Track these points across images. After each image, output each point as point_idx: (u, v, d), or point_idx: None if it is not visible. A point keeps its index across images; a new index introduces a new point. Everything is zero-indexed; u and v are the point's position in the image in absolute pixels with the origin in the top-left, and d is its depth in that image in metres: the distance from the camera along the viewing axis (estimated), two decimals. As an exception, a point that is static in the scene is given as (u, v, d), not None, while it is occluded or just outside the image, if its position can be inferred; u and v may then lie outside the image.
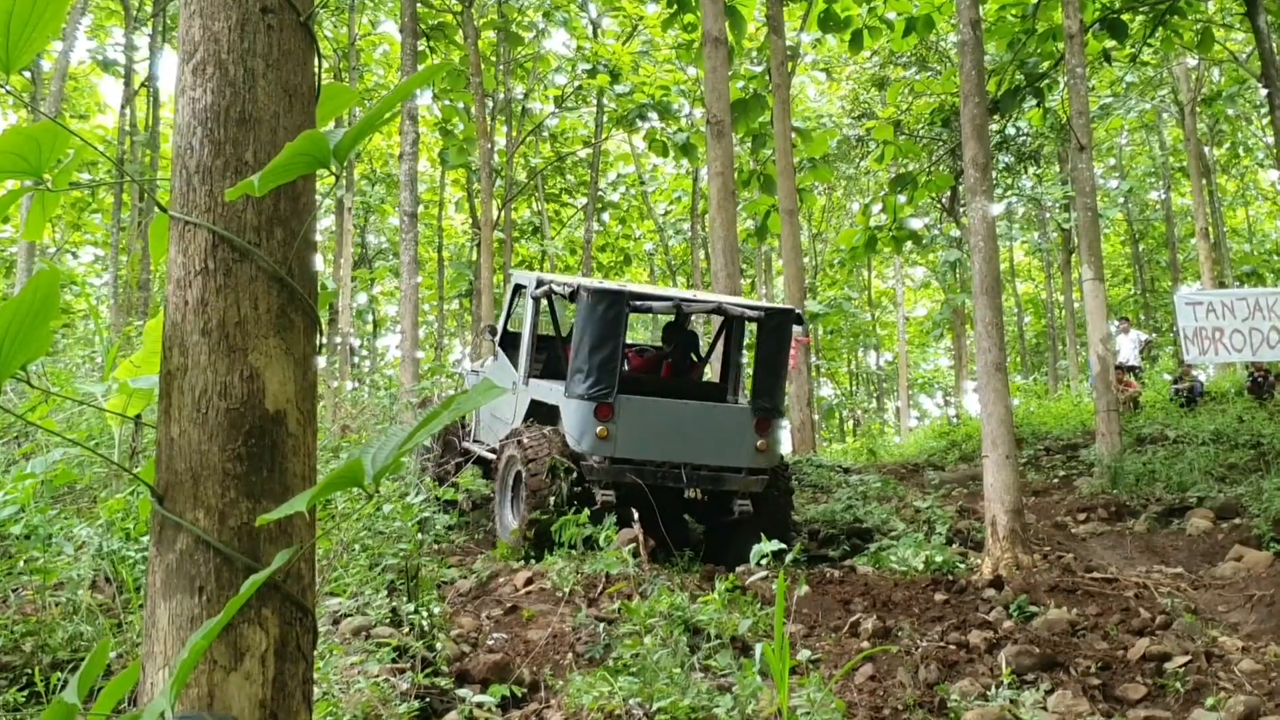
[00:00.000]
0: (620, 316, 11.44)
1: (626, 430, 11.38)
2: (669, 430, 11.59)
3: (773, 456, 12.00)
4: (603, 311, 11.34)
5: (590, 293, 11.45)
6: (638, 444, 11.43)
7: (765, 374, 12.10)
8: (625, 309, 11.51)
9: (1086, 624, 8.65)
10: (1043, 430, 22.67)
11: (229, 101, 2.29)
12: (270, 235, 2.27)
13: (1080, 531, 13.49)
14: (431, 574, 9.17)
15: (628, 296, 11.58)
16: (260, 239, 2.26)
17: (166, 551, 2.14)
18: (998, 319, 11.11)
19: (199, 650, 1.88)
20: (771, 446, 11.96)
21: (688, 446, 11.61)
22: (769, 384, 12.08)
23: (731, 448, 11.79)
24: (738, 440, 11.82)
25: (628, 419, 11.43)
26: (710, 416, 11.93)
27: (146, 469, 2.28)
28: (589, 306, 11.38)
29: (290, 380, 2.25)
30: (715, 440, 11.74)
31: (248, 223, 2.25)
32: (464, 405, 1.99)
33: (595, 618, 8.39)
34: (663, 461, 11.49)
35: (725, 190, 17.00)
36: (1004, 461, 10.69)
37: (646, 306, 12.03)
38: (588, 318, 11.38)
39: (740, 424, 11.90)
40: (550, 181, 39.98)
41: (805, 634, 8.51)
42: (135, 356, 3.14)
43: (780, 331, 12.13)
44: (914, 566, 10.57)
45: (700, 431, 11.71)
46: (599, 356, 11.30)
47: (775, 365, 12.13)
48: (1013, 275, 47.81)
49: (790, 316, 12.27)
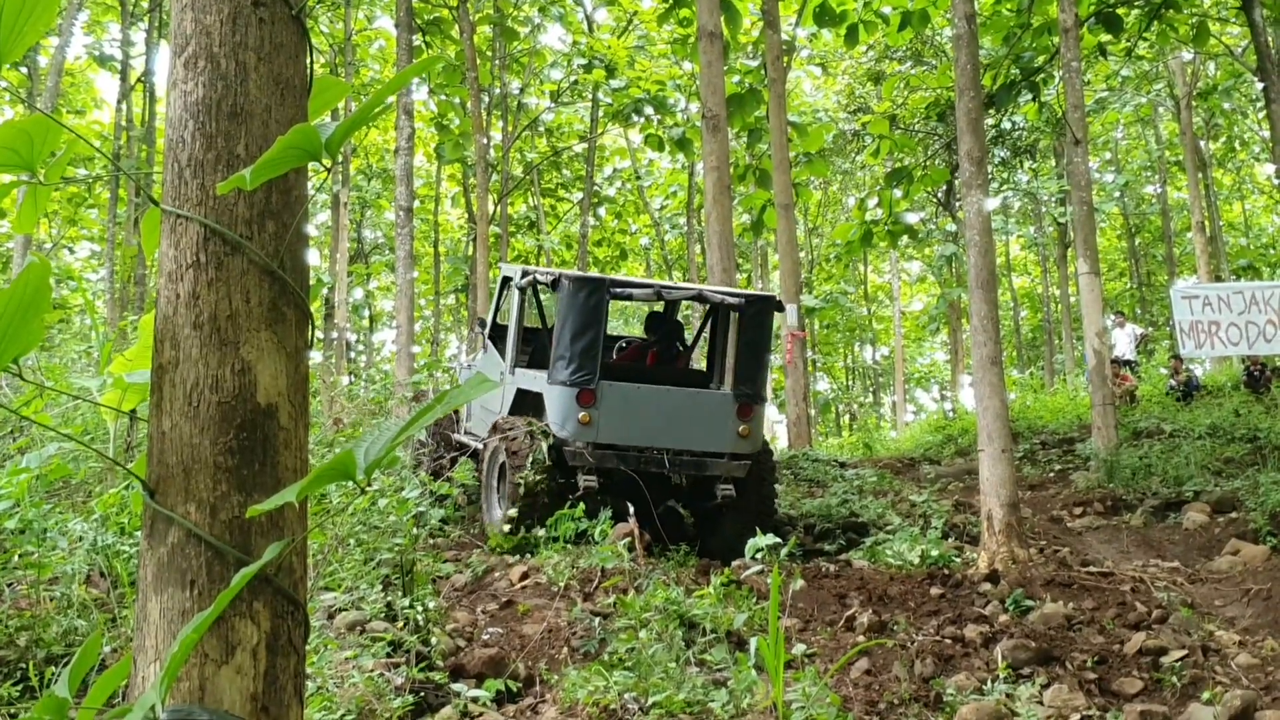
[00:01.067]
0: (601, 304, 11.64)
1: (609, 416, 11.55)
2: (651, 416, 11.75)
3: (755, 442, 12.13)
4: (584, 299, 11.52)
5: (571, 281, 11.65)
6: (620, 429, 11.60)
7: (747, 361, 12.20)
8: (606, 296, 11.72)
9: (1083, 618, 8.66)
10: (1039, 424, 22.67)
11: (221, 95, 2.29)
12: (262, 228, 2.27)
13: (1076, 526, 13.50)
14: (426, 569, 9.18)
15: (608, 284, 11.79)
16: (252, 232, 2.25)
17: (158, 545, 2.14)
18: (993, 313, 11.11)
19: (190, 644, 1.88)
20: (753, 432, 12.09)
21: (670, 432, 11.77)
22: (750, 370, 12.17)
23: (713, 433, 11.93)
24: (720, 426, 11.95)
25: (610, 405, 11.59)
26: (692, 403, 12.06)
27: (139, 463, 2.28)
28: (570, 294, 11.57)
29: (282, 374, 2.24)
30: (697, 426, 11.89)
31: (239, 216, 2.25)
32: (457, 399, 1.99)
33: (590, 612, 8.39)
34: (645, 447, 11.66)
35: (721, 185, 17.00)
36: (1000, 456, 10.69)
37: (626, 294, 12.26)
38: (569, 305, 11.55)
39: (722, 410, 12.01)
40: (546, 176, 39.92)
41: (801, 628, 8.51)
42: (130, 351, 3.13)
43: (760, 318, 12.23)
44: (910, 561, 10.58)
45: (683, 417, 11.87)
46: (580, 344, 11.47)
47: (757, 352, 12.22)
48: (1009, 269, 47.79)
49: (771, 304, 12.42)
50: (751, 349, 12.20)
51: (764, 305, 12.30)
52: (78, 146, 2.49)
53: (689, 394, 12.20)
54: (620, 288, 12.07)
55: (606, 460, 11.50)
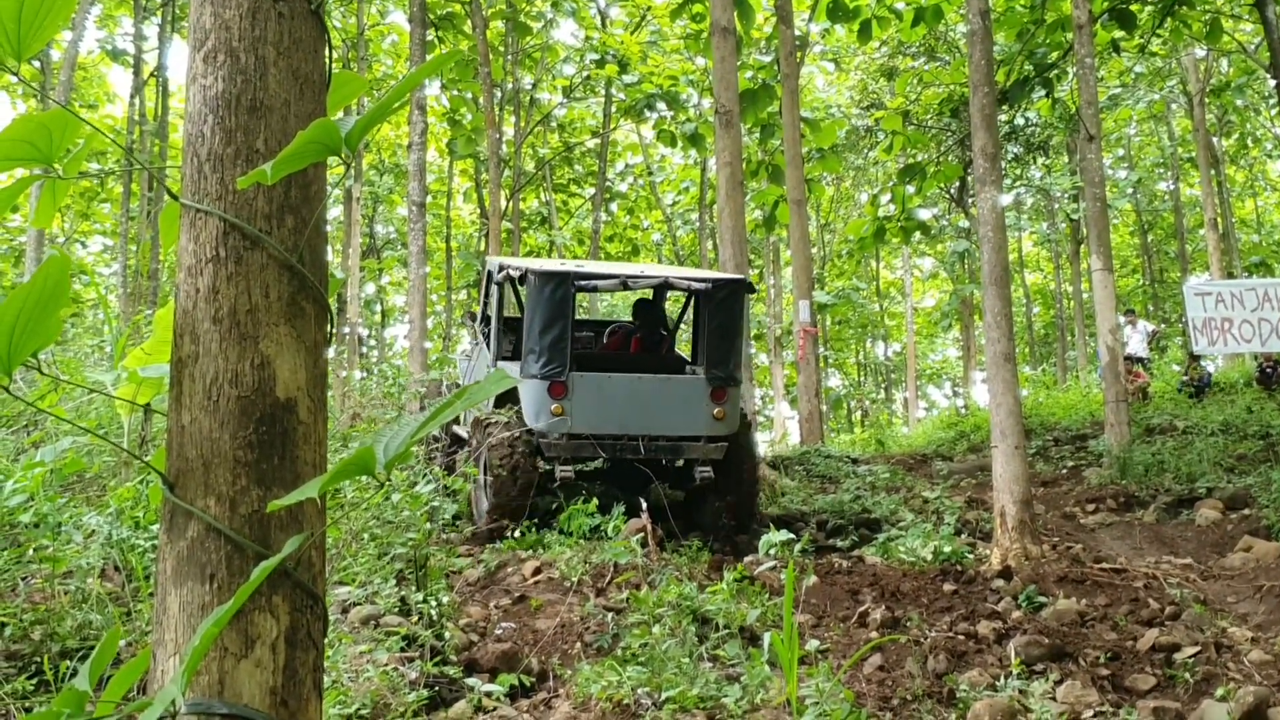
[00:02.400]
0: (567, 297, 11.86)
1: (581, 406, 11.80)
2: (625, 404, 12.00)
3: (730, 424, 12.31)
4: (549, 293, 11.75)
5: (537, 275, 11.84)
6: (594, 419, 11.86)
7: (718, 344, 12.33)
8: (571, 289, 11.95)
9: (1095, 614, 8.64)
10: (1051, 421, 22.63)
11: (240, 89, 2.29)
12: (281, 223, 2.27)
13: (1089, 522, 13.47)
14: (440, 563, 9.20)
15: (573, 277, 11.99)
16: (271, 226, 2.26)
17: (177, 539, 2.14)
18: (1006, 309, 11.08)
19: (210, 637, 1.88)
20: (729, 414, 12.28)
21: (644, 418, 12.02)
22: (723, 353, 12.32)
23: (688, 417, 12.17)
24: (694, 410, 12.19)
25: (582, 395, 11.84)
26: (666, 388, 12.26)
27: (157, 456, 2.28)
28: (536, 289, 11.79)
29: (301, 368, 2.25)
30: (671, 411, 12.13)
31: (259, 210, 2.25)
32: (477, 395, 1.99)
33: (603, 607, 8.40)
34: (620, 434, 11.93)
35: (733, 180, 16.98)
36: (1013, 452, 10.67)
37: (592, 286, 12.69)
38: (536, 299, 11.78)
39: (696, 394, 12.23)
40: (558, 172, 39.93)
41: (814, 624, 8.50)
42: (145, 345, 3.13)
43: (731, 301, 12.37)
44: (922, 557, 10.56)
45: (656, 403, 12.10)
46: (549, 336, 11.70)
47: (729, 334, 12.36)
48: (1021, 266, 47.68)
49: (741, 286, 12.55)
50: (723, 332, 12.34)
51: (733, 288, 12.44)
52: (95, 141, 2.49)
53: (662, 380, 12.36)
54: (586, 279, 12.34)
55: (582, 450, 11.78)
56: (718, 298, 12.30)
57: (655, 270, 13.99)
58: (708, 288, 12.30)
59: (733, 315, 12.37)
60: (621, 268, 13.89)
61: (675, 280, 12.49)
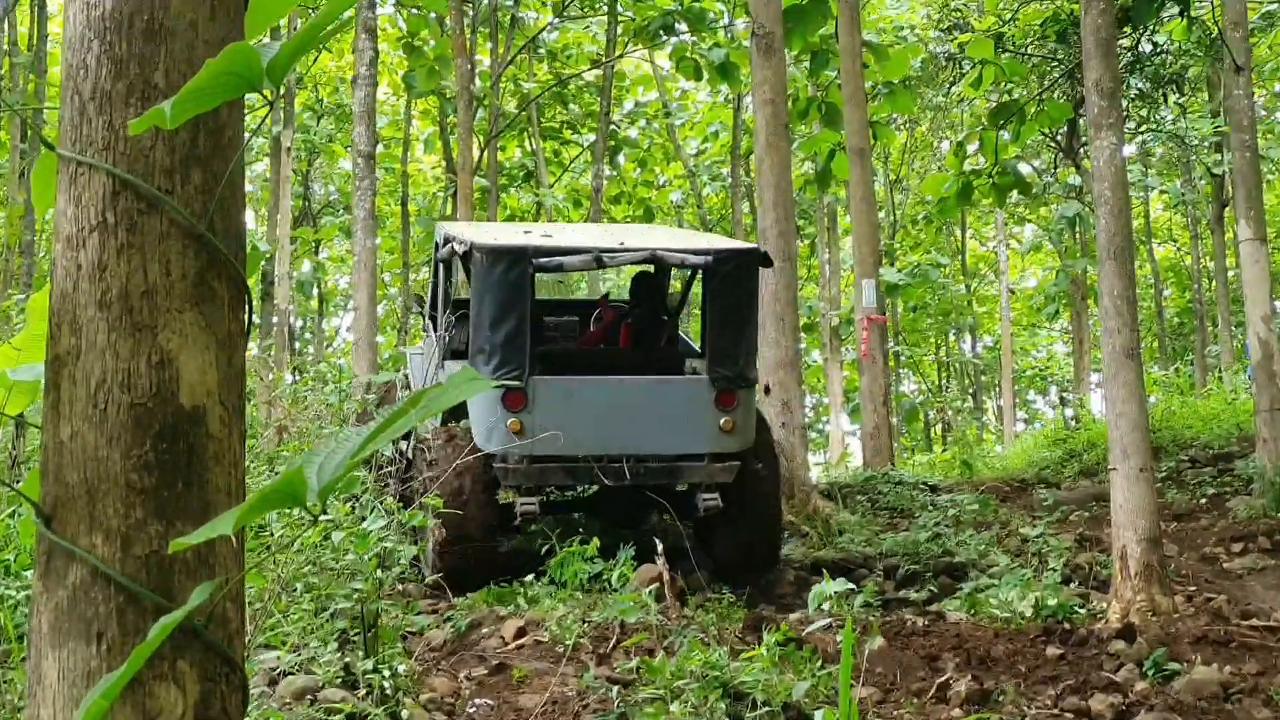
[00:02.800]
0: (524, 279, 11.58)
1: (546, 420, 11.36)
2: (603, 415, 11.73)
3: (743, 436, 12.06)
4: (501, 275, 11.47)
5: (485, 252, 11.58)
6: (563, 436, 11.30)
7: (724, 333, 12.13)
8: (529, 269, 11.67)
9: (1244, 685, 8.64)
10: (1187, 436, 22.61)
11: (134, 7, 2.29)
12: (186, 179, 2.27)
13: (1235, 566, 13.47)
14: (395, 621, 9.19)
15: (530, 253, 11.65)
16: (173, 184, 2.26)
17: (56, 587, 2.15)
18: (1129, 291, 11.08)
19: (98, 713, 1.89)
20: (740, 424, 11.99)
21: (630, 433, 11.77)
22: (730, 345, 12.09)
23: (686, 430, 11.93)
24: (694, 420, 11.92)
25: (547, 406, 11.53)
26: (657, 393, 12.09)
27: (29, 482, 2.29)
28: (484, 270, 11.54)
29: (211, 367, 2.25)
30: (666, 423, 11.87)
31: (157, 163, 2.25)
32: (436, 403, 1.98)
33: (607, 679, 8.41)
34: (599, 455, 11.61)
35: (776, 124, 16.98)
36: (1137, 476, 10.67)
37: (556, 264, 12.16)
38: (484, 283, 11.55)
39: (696, 400, 11.99)
40: (548, 113, 39.89)
41: (879, 700, 8.52)
42: (15, 339, 3.15)
43: (741, 277, 12.16)
44: (1020, 612, 10.57)
45: (645, 413, 11.84)
46: (502, 331, 11.42)
47: (739, 321, 12.17)
48: (1148, 235, 47.62)
49: (753, 258, 12.34)
50: (729, 318, 12.11)
51: (743, 260, 12.23)
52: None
53: (651, 383, 12.18)
54: (547, 257, 11.89)
55: (549, 477, 11.62)
56: (722, 273, 12.08)
57: (640, 240, 13.24)
58: (708, 261, 12.09)
59: (746, 296, 12.22)
60: (599, 236, 13.54)
61: (664, 254, 12.16)
